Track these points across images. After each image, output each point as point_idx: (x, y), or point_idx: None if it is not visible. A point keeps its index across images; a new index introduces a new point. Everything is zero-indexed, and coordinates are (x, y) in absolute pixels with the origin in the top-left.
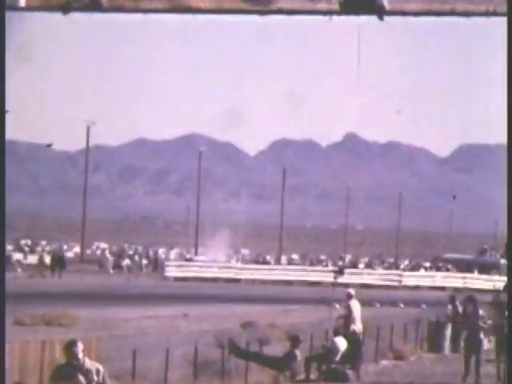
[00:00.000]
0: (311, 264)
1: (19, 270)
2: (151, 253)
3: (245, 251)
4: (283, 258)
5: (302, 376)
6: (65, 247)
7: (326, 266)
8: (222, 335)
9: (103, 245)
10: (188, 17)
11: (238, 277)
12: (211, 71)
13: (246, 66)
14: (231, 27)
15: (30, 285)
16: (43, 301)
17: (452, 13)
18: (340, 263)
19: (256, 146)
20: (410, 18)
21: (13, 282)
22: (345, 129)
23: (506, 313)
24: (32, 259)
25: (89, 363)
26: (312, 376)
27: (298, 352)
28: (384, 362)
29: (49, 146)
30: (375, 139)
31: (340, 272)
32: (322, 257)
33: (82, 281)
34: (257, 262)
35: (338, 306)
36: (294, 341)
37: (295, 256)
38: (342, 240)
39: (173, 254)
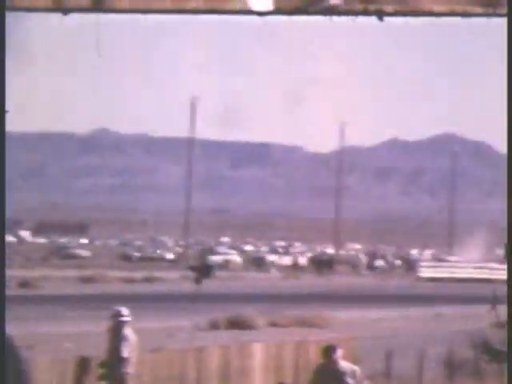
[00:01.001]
0: None
1: (273, 270)
2: (404, 253)
3: (500, 251)
4: None
5: None
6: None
7: None
8: (475, 336)
9: (357, 246)
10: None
11: (492, 277)
12: None
13: None
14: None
15: (283, 286)
16: (296, 302)
17: (452, 13)
18: None
19: None
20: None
21: (267, 283)
22: None
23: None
24: (286, 260)
25: (344, 365)
26: None
27: None
28: None
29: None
30: None
31: None
32: None
33: (336, 282)
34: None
35: None
36: None
37: None
38: None
39: (426, 254)
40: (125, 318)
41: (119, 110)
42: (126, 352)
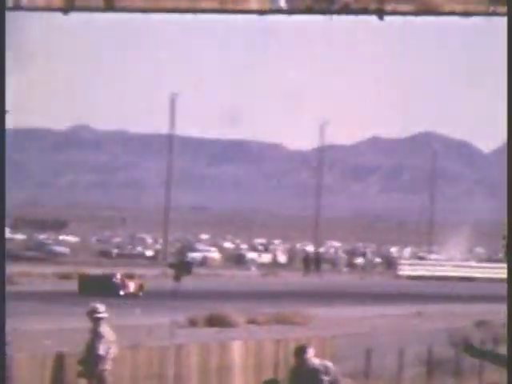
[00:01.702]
0: None
1: (253, 267)
2: (384, 251)
3: (479, 250)
4: None
5: None
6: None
7: None
8: (455, 334)
9: (336, 243)
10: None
11: (472, 275)
12: None
13: None
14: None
15: (263, 283)
16: (276, 299)
17: (452, 13)
18: None
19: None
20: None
21: (246, 281)
22: None
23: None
24: (266, 258)
25: (317, 363)
26: None
27: None
28: None
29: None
30: None
31: None
32: None
33: (316, 279)
34: (491, 261)
35: None
36: None
37: None
38: None
39: (406, 252)
40: (101, 315)
41: (98, 107)
42: (101, 349)
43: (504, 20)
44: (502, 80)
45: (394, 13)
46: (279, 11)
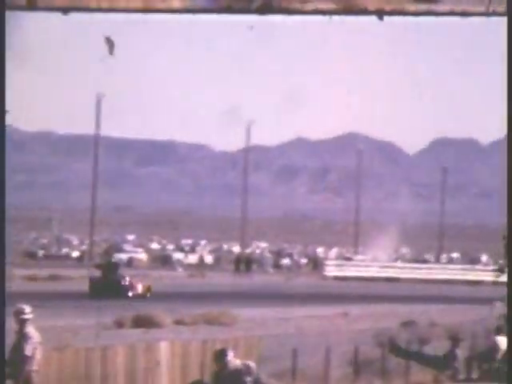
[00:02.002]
0: (471, 263)
1: (179, 268)
2: (310, 252)
3: (405, 250)
4: (443, 257)
5: (463, 376)
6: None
7: (487, 265)
8: (382, 334)
9: (263, 244)
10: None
11: (397, 276)
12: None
13: None
14: None
15: (189, 284)
16: (202, 300)
17: (452, 13)
18: (501, 262)
19: None
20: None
21: (173, 281)
22: None
23: (506, 312)
24: (192, 259)
25: (238, 364)
26: (474, 376)
27: (458, 351)
28: None
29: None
30: None
31: (501, 270)
32: (483, 256)
33: (242, 280)
34: (417, 261)
35: (500, 304)
36: (455, 340)
37: (455, 255)
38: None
39: (332, 253)
40: (26, 316)
41: (24, 107)
42: (28, 350)
43: (504, 20)
44: (502, 80)
45: (394, 13)
46: (198, 10)
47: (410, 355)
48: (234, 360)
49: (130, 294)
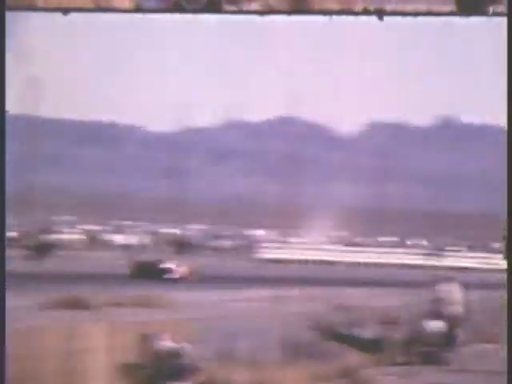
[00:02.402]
0: (408, 247)
1: (117, 250)
2: (246, 235)
3: (339, 233)
4: (380, 241)
5: (395, 359)
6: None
7: (425, 249)
8: (314, 318)
9: (198, 226)
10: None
11: (331, 259)
12: None
13: None
14: None
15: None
16: (137, 282)
17: (452, 13)
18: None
19: None
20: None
21: (109, 263)
22: None
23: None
24: (130, 240)
25: (168, 347)
26: (406, 359)
27: (391, 334)
28: (481, 346)
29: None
30: None
31: (439, 255)
32: (423, 241)
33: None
34: (352, 245)
35: (436, 288)
36: (388, 324)
37: (392, 239)
38: (440, 223)
39: (268, 235)
40: None
41: None
42: None
43: (504, 20)
44: (503, 80)
45: (394, 13)
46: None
47: (343, 338)
48: (165, 342)
49: (166, 276)
